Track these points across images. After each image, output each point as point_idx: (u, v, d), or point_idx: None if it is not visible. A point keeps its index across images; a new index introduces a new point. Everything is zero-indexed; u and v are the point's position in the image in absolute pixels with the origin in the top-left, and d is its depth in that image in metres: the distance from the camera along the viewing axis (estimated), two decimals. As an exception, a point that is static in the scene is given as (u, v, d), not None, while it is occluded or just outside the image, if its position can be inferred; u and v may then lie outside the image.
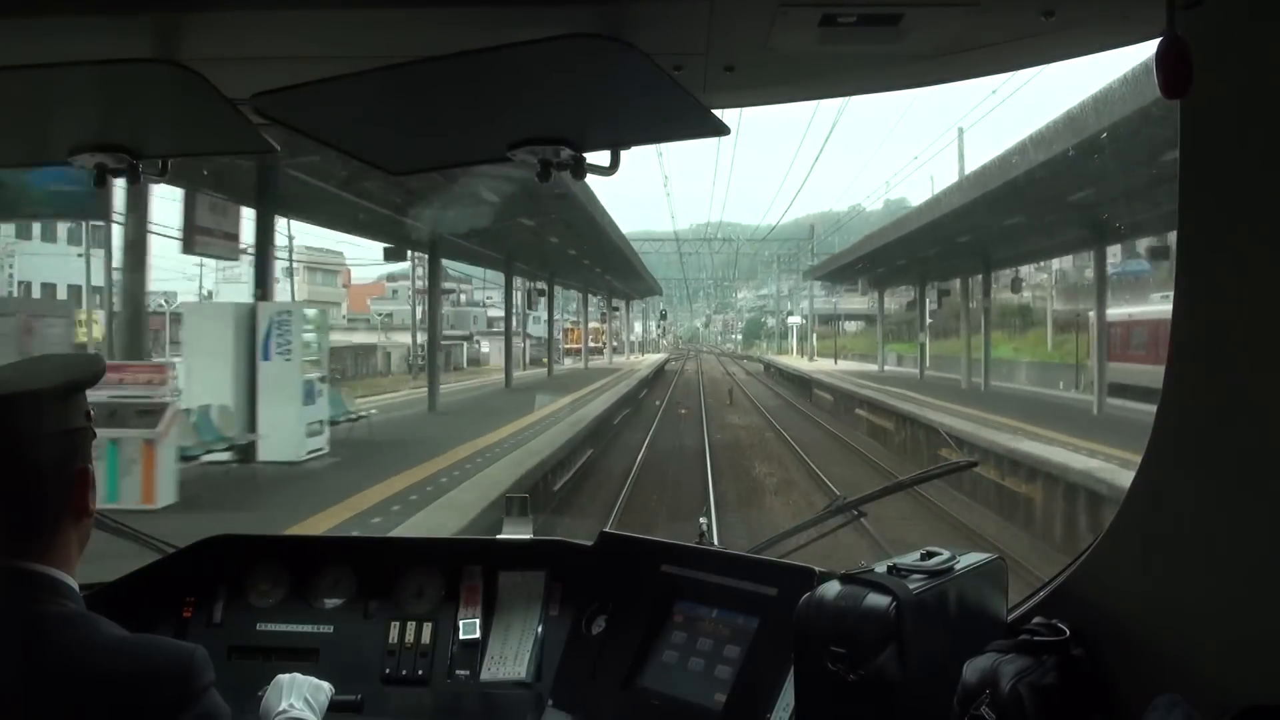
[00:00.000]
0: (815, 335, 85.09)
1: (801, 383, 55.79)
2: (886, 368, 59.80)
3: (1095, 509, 14.80)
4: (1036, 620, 2.13)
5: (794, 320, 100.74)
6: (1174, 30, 1.55)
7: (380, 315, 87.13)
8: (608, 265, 52.65)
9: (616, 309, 79.56)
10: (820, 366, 65.53)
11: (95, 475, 1.79)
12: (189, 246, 18.72)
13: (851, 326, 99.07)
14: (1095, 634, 2.09)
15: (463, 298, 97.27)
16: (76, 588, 1.72)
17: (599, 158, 1.90)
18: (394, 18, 1.77)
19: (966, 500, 19.54)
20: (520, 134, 1.85)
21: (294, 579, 3.10)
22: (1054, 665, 2.02)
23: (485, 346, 76.34)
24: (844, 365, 68.62)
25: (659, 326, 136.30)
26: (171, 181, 14.85)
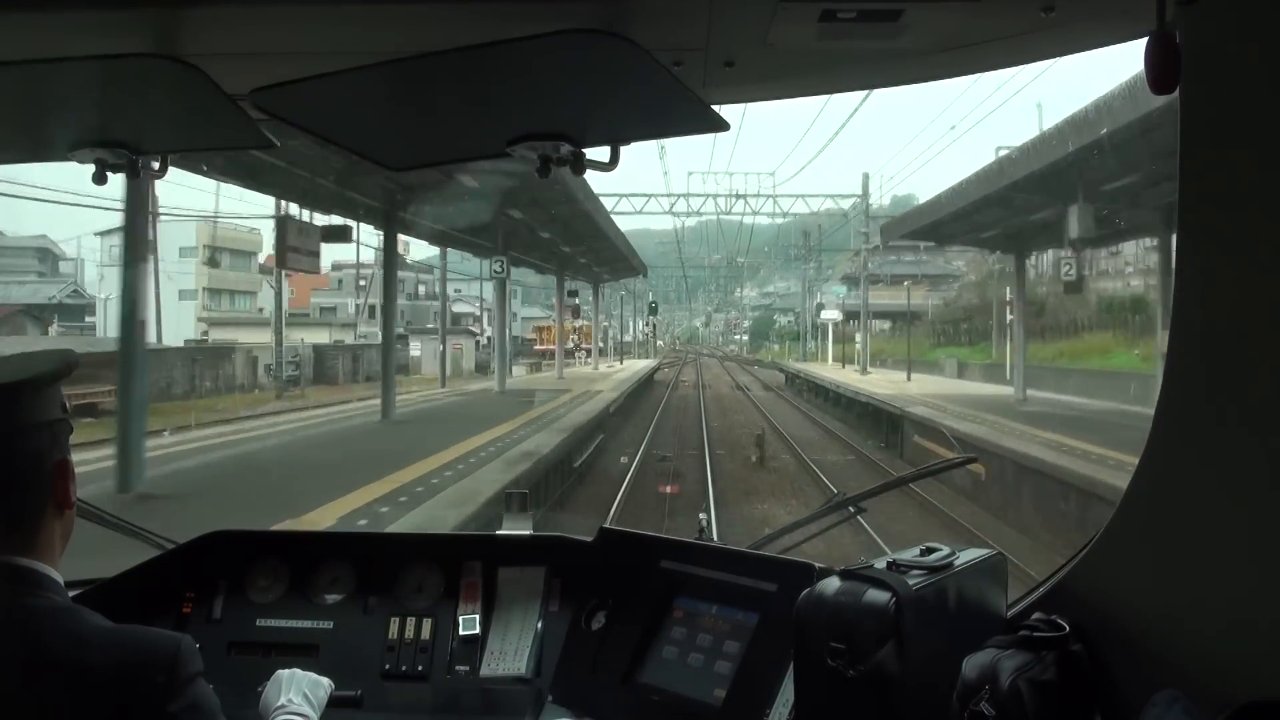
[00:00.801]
0: (863, 335, 56.17)
1: (869, 417, 32.73)
2: (986, 388, 37.89)
3: None
4: (1036, 616, 2.14)
5: (829, 315, 72.49)
6: (1163, 26, 1.54)
7: (319, 310, 72.23)
8: (553, 225, 34.64)
9: (574, 294, 59.11)
10: (891, 386, 38.63)
11: (74, 467, 1.78)
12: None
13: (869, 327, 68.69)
14: (1095, 630, 2.09)
15: (421, 289, 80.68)
16: (60, 581, 1.72)
17: (598, 153, 1.90)
18: (393, 13, 1.77)
19: None
20: (520, 129, 1.85)
21: (294, 575, 3.10)
22: (1053, 661, 2.02)
23: (415, 349, 58.57)
24: (924, 382, 42.40)
25: (647, 323, 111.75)
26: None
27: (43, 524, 1.72)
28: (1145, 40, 1.59)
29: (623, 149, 1.94)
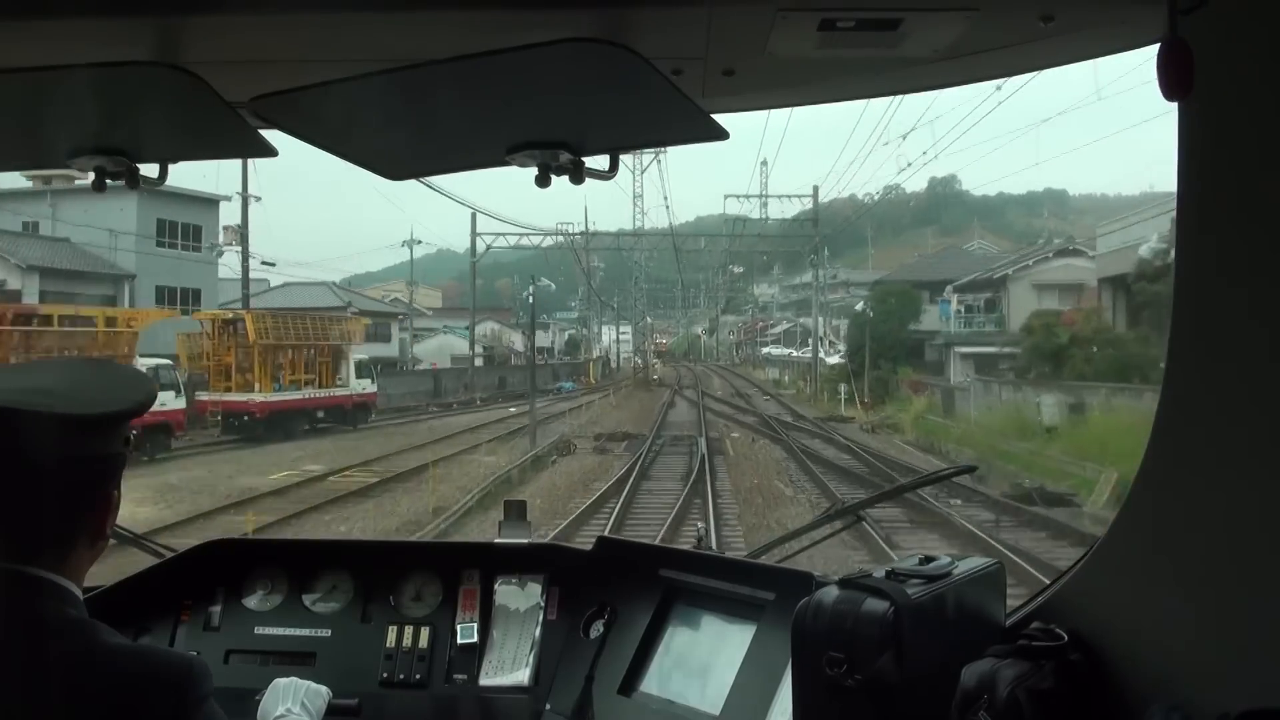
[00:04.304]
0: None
1: None
2: None
3: None
4: (1035, 625, 2.13)
5: None
6: (1175, 33, 1.55)
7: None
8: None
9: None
10: None
11: (119, 500, 1.78)
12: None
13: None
14: (1093, 639, 2.08)
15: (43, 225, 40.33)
16: (80, 597, 1.72)
17: (598, 161, 1.90)
18: (393, 21, 1.77)
19: None
20: (519, 138, 1.84)
21: (291, 583, 3.10)
22: (1052, 670, 2.02)
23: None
24: None
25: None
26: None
27: (74, 548, 1.71)
28: (1158, 47, 1.60)
29: (622, 156, 1.94)
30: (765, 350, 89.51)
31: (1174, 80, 1.57)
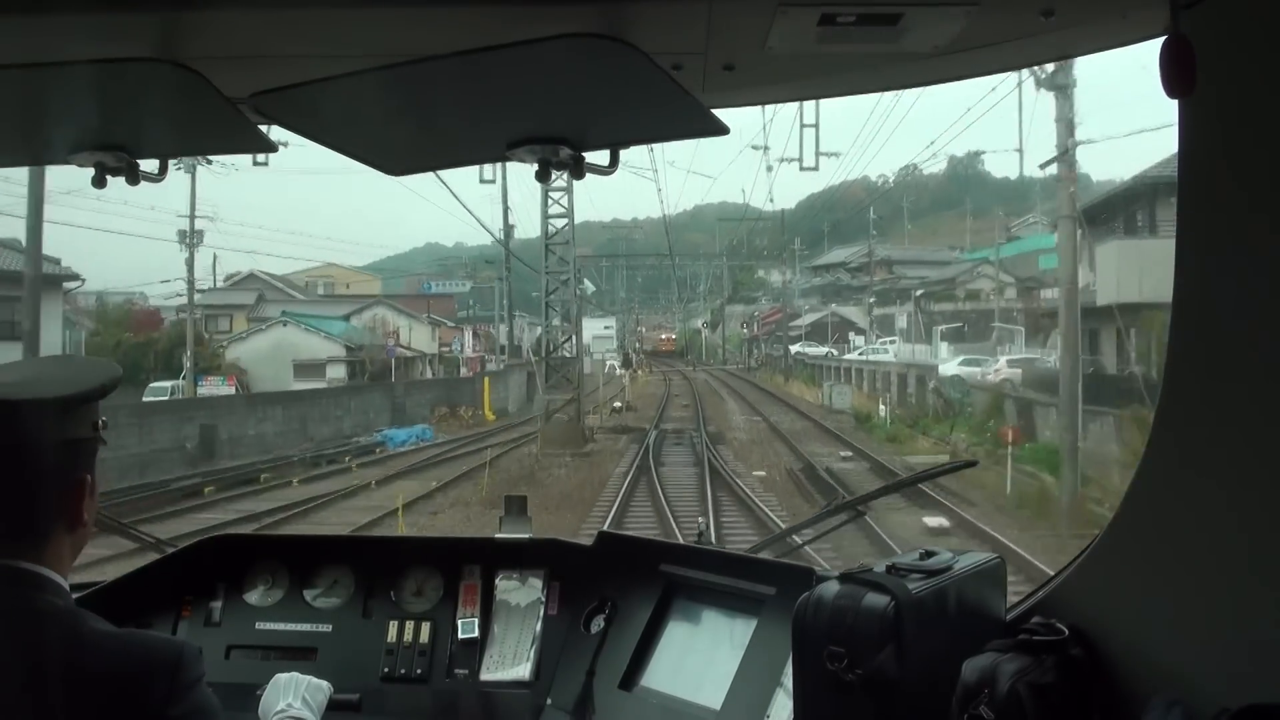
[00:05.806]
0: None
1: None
2: None
3: None
4: (1035, 620, 2.14)
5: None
6: (1178, 29, 1.55)
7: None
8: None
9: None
10: None
11: (95, 485, 1.77)
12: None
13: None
14: (1094, 634, 2.09)
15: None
16: (65, 585, 1.72)
17: (598, 156, 1.90)
18: (394, 17, 1.77)
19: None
20: (519, 133, 1.84)
21: (293, 578, 3.10)
22: (1053, 665, 2.02)
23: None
24: None
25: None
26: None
27: (53, 537, 1.71)
28: (1160, 42, 1.59)
29: (622, 151, 1.94)
30: (796, 349, 63.93)
31: (1176, 77, 1.56)
